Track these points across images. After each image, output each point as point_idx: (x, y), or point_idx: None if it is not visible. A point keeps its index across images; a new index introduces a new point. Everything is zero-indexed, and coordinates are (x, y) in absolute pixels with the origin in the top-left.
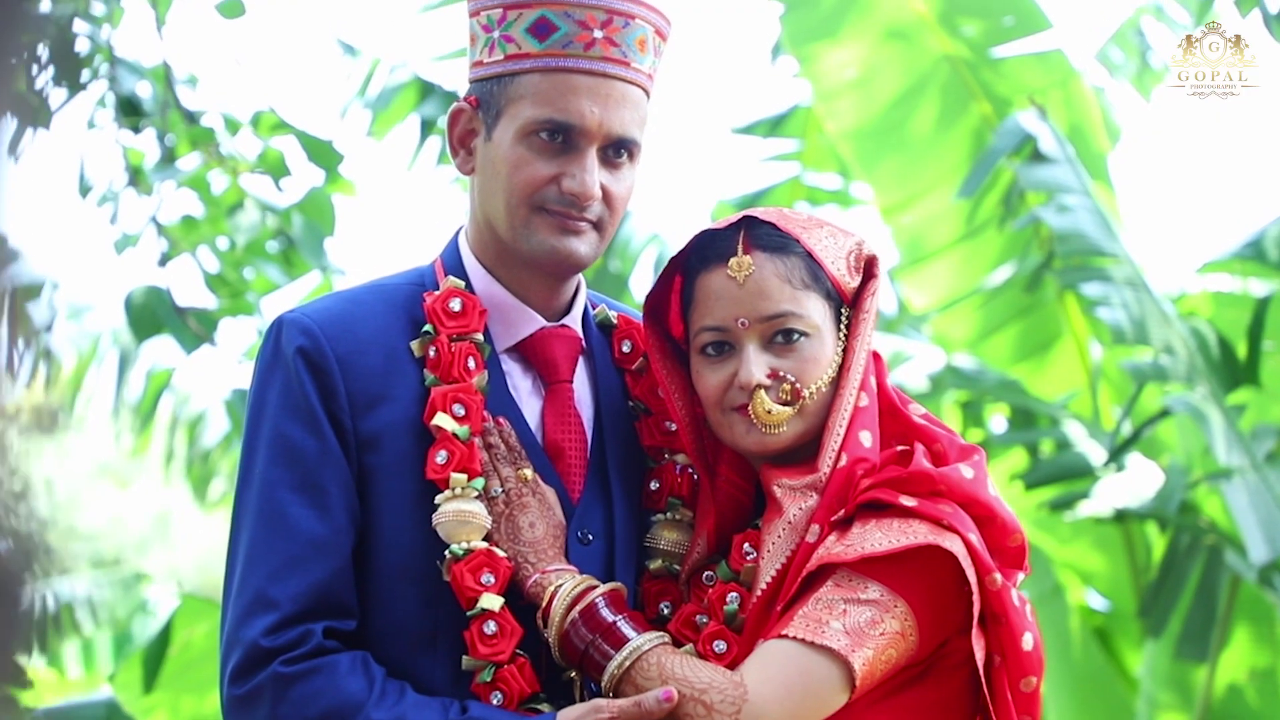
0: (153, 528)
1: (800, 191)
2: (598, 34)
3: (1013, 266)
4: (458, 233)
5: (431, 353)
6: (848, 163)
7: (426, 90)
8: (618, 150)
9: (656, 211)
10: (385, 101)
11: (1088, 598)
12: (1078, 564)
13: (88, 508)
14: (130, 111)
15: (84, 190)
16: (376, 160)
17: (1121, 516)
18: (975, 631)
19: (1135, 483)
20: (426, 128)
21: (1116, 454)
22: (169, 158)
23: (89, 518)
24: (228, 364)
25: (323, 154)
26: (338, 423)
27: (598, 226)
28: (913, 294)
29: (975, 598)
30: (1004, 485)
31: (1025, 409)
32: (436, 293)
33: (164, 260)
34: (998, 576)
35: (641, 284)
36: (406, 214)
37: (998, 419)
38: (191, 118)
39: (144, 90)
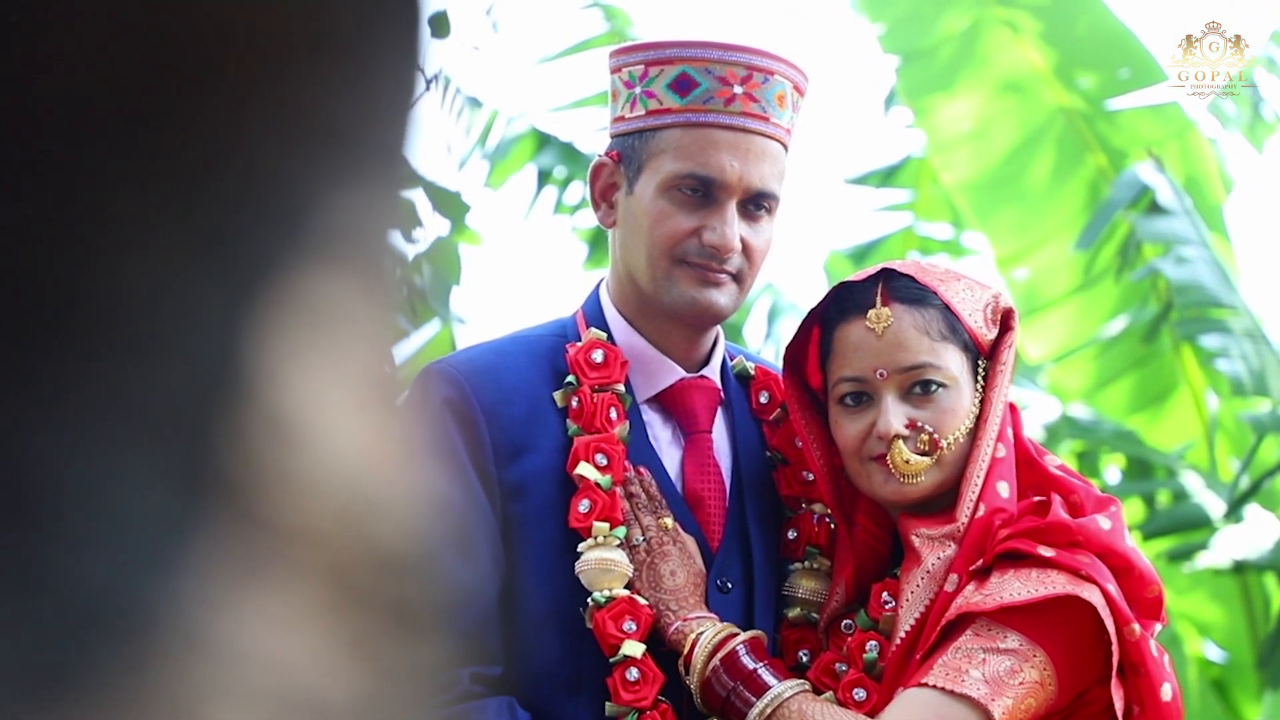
0: None
1: (912, 241)
2: (738, 90)
3: (1129, 317)
4: (599, 284)
5: (574, 403)
6: (962, 214)
7: (543, 141)
8: (757, 204)
9: (770, 261)
10: (503, 152)
11: (1205, 649)
12: (1195, 615)
13: None
14: None
15: None
16: (493, 210)
17: (1240, 568)
18: (1114, 682)
19: (1253, 534)
20: (543, 178)
21: (1235, 506)
22: None
23: None
24: None
25: (450, 204)
26: (483, 472)
27: (737, 278)
28: (1028, 344)
29: (1114, 648)
30: None
31: (1141, 459)
32: (579, 344)
33: None
34: (1136, 627)
35: (755, 333)
36: (522, 263)
37: (1113, 470)
38: None
39: None
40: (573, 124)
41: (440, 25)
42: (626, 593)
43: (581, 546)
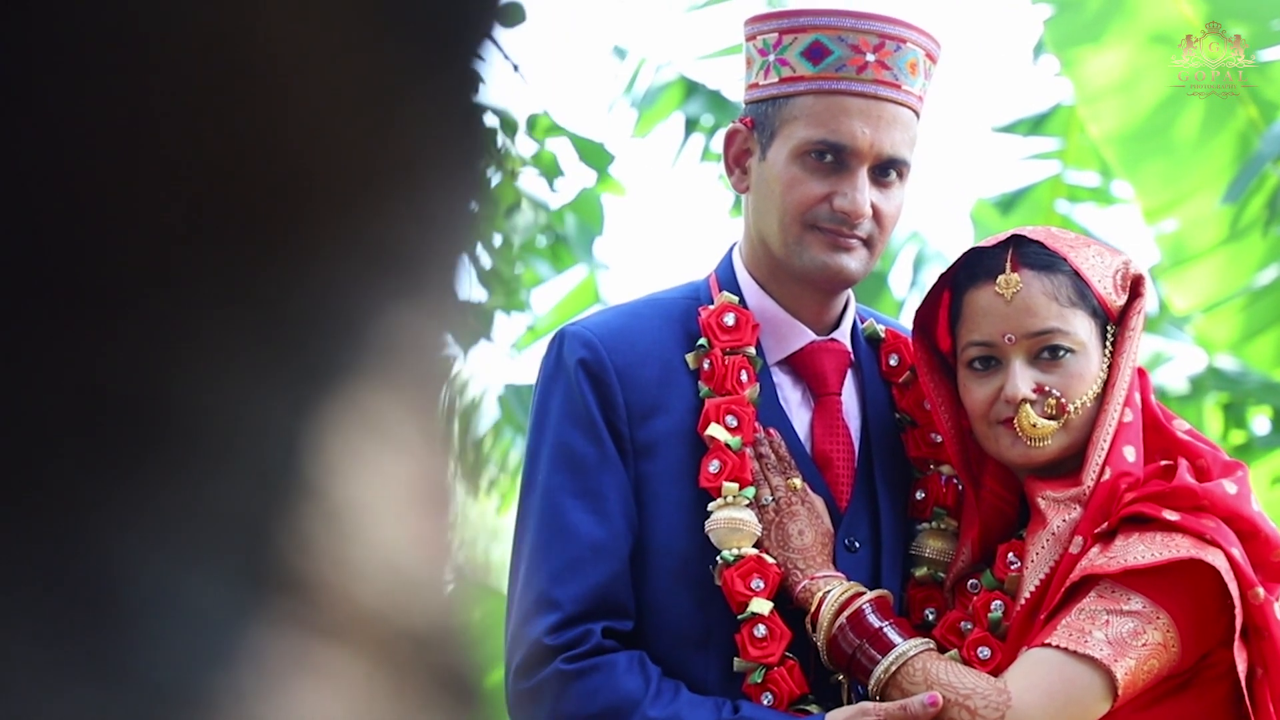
0: None
1: (1060, 190)
2: (870, 58)
3: (1277, 269)
4: (731, 248)
5: (706, 365)
6: (1110, 165)
7: (690, 89)
8: (887, 170)
9: (916, 209)
10: (650, 100)
11: None
12: None
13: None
14: None
15: None
16: (640, 157)
17: None
18: (1237, 644)
19: None
20: (690, 126)
21: None
22: None
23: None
24: (501, 358)
25: (594, 155)
26: (616, 432)
27: (868, 243)
28: (1175, 295)
29: (1237, 611)
30: (1266, 488)
31: None
32: (711, 307)
33: None
34: (1260, 591)
35: (900, 281)
36: (669, 210)
37: (1260, 420)
38: None
39: None
40: (720, 72)
41: (513, 15)
42: (755, 551)
43: (711, 506)
